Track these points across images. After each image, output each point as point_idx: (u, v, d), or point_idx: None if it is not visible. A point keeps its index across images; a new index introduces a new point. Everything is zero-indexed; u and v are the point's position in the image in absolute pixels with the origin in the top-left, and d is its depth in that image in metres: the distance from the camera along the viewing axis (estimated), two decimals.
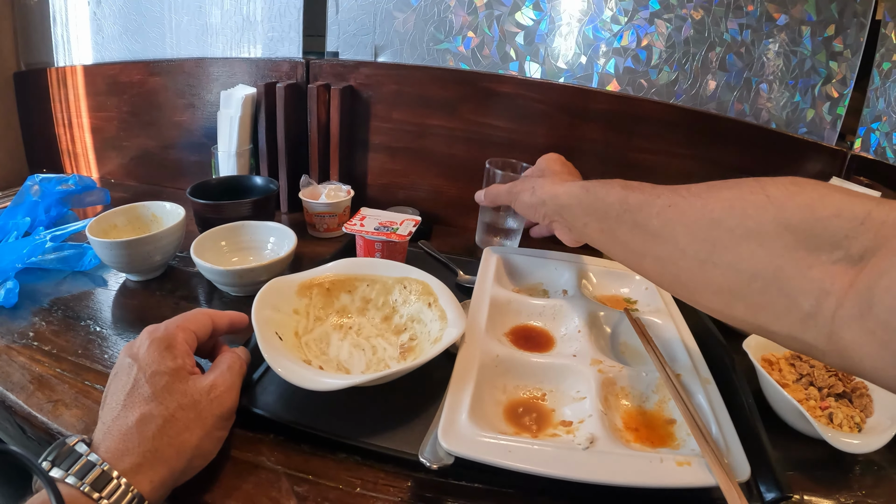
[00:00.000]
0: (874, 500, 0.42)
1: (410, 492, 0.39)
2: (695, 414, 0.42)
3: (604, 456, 0.38)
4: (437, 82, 0.81)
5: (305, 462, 0.41)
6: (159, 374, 0.38)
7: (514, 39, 0.80)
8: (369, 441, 0.42)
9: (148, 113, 0.96)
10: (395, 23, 0.82)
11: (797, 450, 0.46)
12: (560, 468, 0.37)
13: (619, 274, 0.67)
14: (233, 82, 0.88)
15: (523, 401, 0.46)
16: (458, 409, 0.40)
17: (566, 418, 0.44)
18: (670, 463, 0.37)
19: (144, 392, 0.37)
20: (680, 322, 0.56)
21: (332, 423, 0.43)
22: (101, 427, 0.36)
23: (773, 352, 0.56)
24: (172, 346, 0.40)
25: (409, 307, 0.53)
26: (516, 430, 0.42)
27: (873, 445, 0.43)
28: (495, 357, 0.47)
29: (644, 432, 0.43)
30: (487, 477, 0.40)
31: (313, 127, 0.82)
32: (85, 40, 1.01)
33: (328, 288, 0.54)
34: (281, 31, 0.88)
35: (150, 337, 0.40)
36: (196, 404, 0.38)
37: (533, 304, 0.58)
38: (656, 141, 0.79)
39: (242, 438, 0.43)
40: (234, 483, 0.39)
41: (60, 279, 0.68)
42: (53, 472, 0.31)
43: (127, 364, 0.39)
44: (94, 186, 0.87)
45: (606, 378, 0.47)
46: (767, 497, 0.39)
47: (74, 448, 0.33)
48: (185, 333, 0.41)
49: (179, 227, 0.67)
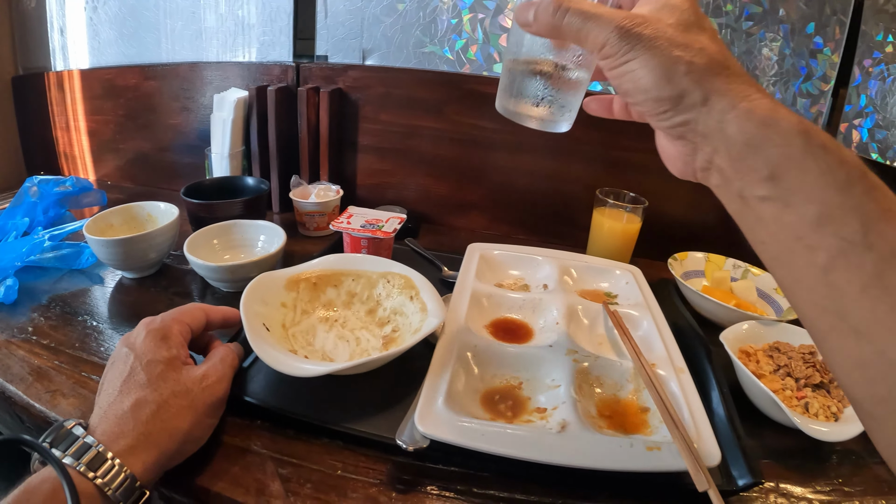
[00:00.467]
0: (851, 489, 0.44)
1: (388, 474, 0.41)
2: (666, 401, 0.44)
3: (574, 440, 0.40)
4: (424, 84, 0.83)
5: (290, 446, 0.43)
6: (154, 363, 0.40)
7: (498, 42, 0.83)
8: (350, 426, 0.44)
9: (143, 116, 0.98)
10: (382, 27, 0.85)
11: (774, 439, 0.48)
12: (530, 451, 0.39)
13: (599, 269, 0.69)
14: (226, 86, 0.90)
15: (500, 389, 0.48)
16: (434, 395, 0.43)
17: (541, 405, 0.46)
18: (640, 448, 0.39)
19: (140, 379, 0.39)
20: (658, 315, 0.58)
21: (316, 410, 0.45)
22: (97, 412, 0.38)
23: (752, 343, 0.57)
24: (168, 337, 0.42)
25: (392, 300, 0.56)
26: (492, 417, 0.44)
27: (844, 434, 0.44)
28: (473, 347, 0.49)
29: (618, 419, 0.45)
30: (463, 460, 0.42)
31: (303, 128, 0.84)
32: (82, 45, 1.03)
33: (315, 282, 0.57)
34: (272, 36, 0.90)
35: (147, 328, 0.43)
36: (188, 392, 0.40)
37: (513, 298, 0.60)
38: (643, 139, 0.81)
39: (232, 424, 0.45)
40: (223, 466, 0.41)
41: (58, 277, 0.70)
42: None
43: (124, 353, 0.41)
44: (90, 188, 0.89)
45: (581, 367, 0.48)
46: (740, 482, 0.40)
47: (71, 431, 0.35)
48: (180, 326, 0.44)
49: (173, 226, 0.69)
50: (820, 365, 0.53)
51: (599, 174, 0.83)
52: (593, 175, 0.83)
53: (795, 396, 0.51)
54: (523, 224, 0.89)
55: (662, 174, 0.76)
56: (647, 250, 0.80)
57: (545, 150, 0.84)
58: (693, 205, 0.83)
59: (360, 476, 0.41)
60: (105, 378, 0.41)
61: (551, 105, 0.36)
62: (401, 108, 0.85)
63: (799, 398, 0.50)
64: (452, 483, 0.41)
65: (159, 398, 0.38)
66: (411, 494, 0.40)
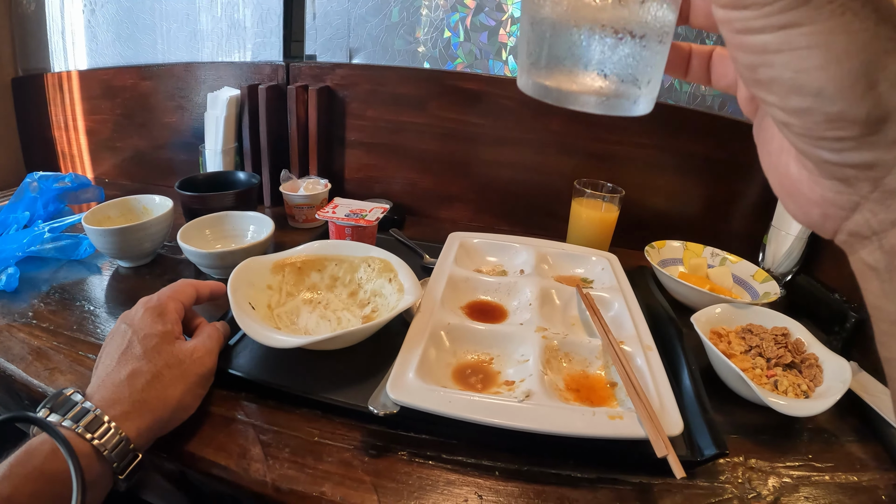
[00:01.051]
0: (821, 464, 0.45)
1: (362, 440, 0.44)
2: (629, 371, 0.46)
3: (537, 408, 0.42)
4: (408, 81, 0.86)
5: (272, 416, 0.46)
6: (150, 336, 0.43)
7: (479, 39, 0.86)
8: (327, 396, 0.47)
9: (140, 115, 1.02)
10: (367, 27, 0.88)
11: (744, 416, 0.49)
12: (493, 416, 0.41)
13: (575, 256, 0.72)
14: (219, 85, 0.94)
15: (471, 363, 0.51)
16: (406, 367, 0.45)
17: (509, 378, 0.48)
18: (602, 416, 0.41)
19: (136, 351, 0.42)
20: (630, 298, 0.61)
21: (296, 382, 0.48)
22: (94, 381, 0.41)
23: (724, 325, 0.59)
24: (164, 314, 0.45)
25: (372, 283, 0.59)
26: (462, 388, 0.47)
27: (805, 409, 0.45)
28: (447, 325, 0.52)
29: (585, 393, 0.47)
30: (433, 428, 0.45)
31: (293, 125, 0.87)
32: (80, 47, 1.07)
33: (300, 267, 0.60)
34: (263, 37, 0.94)
35: (145, 306, 0.46)
36: (181, 363, 0.43)
37: (489, 282, 0.63)
38: (618, 132, 0.84)
39: (219, 396, 0.48)
40: (210, 434, 0.44)
41: (58, 267, 0.73)
42: (51, 418, 0.36)
43: (122, 329, 0.45)
44: (89, 184, 0.92)
45: (550, 344, 0.51)
46: (707, 453, 0.41)
47: (70, 397, 0.38)
48: (174, 303, 0.47)
49: (168, 217, 0.73)
50: (792, 345, 0.55)
51: (580, 166, 0.85)
52: (574, 167, 0.86)
53: (765, 375, 0.52)
54: (506, 215, 0.92)
55: (644, 166, 0.79)
56: (625, 240, 0.83)
57: (527, 144, 0.87)
58: (672, 195, 0.86)
59: (336, 442, 0.44)
60: (103, 351, 0.44)
61: (625, 74, 0.23)
62: (386, 104, 0.88)
63: (769, 376, 0.52)
64: (423, 449, 0.44)
65: (154, 369, 0.41)
66: (383, 459, 0.43)
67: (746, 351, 0.56)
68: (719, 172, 0.82)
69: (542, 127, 0.86)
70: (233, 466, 0.41)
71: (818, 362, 0.53)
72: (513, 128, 0.87)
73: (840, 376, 0.49)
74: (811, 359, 0.53)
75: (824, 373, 0.52)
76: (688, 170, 0.83)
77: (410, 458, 0.43)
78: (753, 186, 0.81)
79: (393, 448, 0.44)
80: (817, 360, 0.53)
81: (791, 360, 0.53)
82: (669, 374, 0.49)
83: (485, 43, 0.86)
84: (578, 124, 0.84)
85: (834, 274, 0.70)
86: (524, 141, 0.87)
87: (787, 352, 0.54)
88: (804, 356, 0.54)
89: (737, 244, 0.78)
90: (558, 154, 0.86)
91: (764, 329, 0.58)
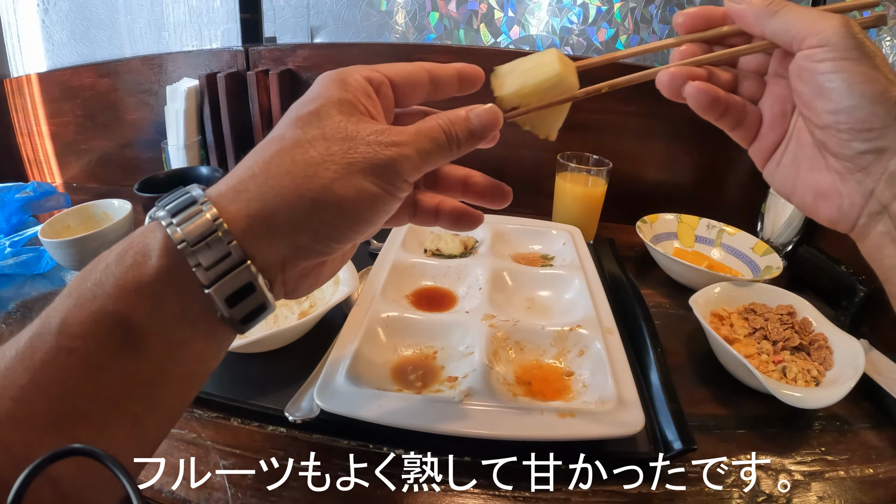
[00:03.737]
0: (834, 457, 0.41)
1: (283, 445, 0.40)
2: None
3: (476, 410, 0.38)
4: (375, 58, 0.80)
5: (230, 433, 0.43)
6: (311, 101, 0.26)
7: (448, 7, 0.80)
8: (248, 401, 0.42)
9: (102, 114, 0.97)
10: (328, 2, 0.82)
11: (751, 408, 0.45)
12: (425, 420, 0.37)
13: (533, 231, 0.67)
14: (178, 76, 0.89)
15: (412, 359, 0.46)
16: (337, 367, 0.41)
17: (452, 374, 0.44)
18: (551, 416, 0.37)
19: (285, 121, 0.26)
20: (592, 276, 0.56)
21: (223, 387, 0.44)
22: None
23: (725, 306, 0.55)
24: (345, 80, 0.27)
25: None
26: (400, 388, 0.43)
27: (822, 400, 0.41)
28: (385, 318, 0.48)
29: (538, 385, 0.43)
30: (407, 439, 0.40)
31: (256, 113, 0.82)
32: (37, 48, 1.02)
33: None
34: (219, 21, 0.88)
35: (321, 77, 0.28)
36: (348, 138, 0.25)
37: (436, 266, 0.58)
38: (600, 100, 0.78)
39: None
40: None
41: (21, 283, 0.70)
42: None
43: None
44: (53, 191, 0.88)
45: (498, 333, 0.47)
46: (675, 447, 0.38)
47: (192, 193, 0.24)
48: (372, 73, 0.28)
49: (126, 222, 0.69)
50: (798, 325, 0.50)
51: (563, 138, 0.79)
52: (556, 140, 0.80)
53: (772, 361, 0.48)
54: None
55: (629, 135, 0.72)
56: (616, 215, 0.78)
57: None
58: (663, 166, 0.80)
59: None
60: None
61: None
62: None
63: (776, 362, 0.48)
64: (397, 469, 0.40)
65: (301, 136, 0.25)
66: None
67: (750, 333, 0.51)
68: (712, 139, 0.75)
69: None
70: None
71: (828, 343, 0.49)
72: (490, 100, 0.81)
73: (853, 359, 0.45)
74: (820, 339, 0.49)
75: (835, 354, 0.47)
76: (678, 137, 0.77)
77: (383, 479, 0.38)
78: (748, 152, 0.75)
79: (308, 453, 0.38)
80: (827, 342, 0.49)
81: (799, 343, 0.49)
82: (633, 359, 0.44)
83: (455, 12, 0.80)
84: None
85: (838, 244, 0.65)
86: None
87: (794, 333, 0.50)
88: (812, 337, 0.50)
89: (734, 215, 0.73)
90: None
91: (768, 308, 0.54)
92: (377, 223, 0.27)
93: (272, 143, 0.25)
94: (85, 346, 0.22)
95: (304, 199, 0.23)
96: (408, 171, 0.26)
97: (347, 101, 0.26)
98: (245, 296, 0.23)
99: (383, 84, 0.28)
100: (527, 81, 0.29)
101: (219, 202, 0.24)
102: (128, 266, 0.23)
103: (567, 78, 0.29)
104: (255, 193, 0.23)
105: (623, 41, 0.78)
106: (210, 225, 0.23)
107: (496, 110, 0.29)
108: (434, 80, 0.29)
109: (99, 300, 0.22)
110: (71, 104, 0.98)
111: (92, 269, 0.23)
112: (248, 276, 0.23)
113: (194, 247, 0.22)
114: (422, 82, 0.29)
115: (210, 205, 0.23)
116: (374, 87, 0.27)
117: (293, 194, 0.23)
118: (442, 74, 0.30)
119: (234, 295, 0.23)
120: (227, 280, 0.23)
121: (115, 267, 0.23)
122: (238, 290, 0.23)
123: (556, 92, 0.29)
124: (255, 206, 0.23)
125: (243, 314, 0.24)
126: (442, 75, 0.30)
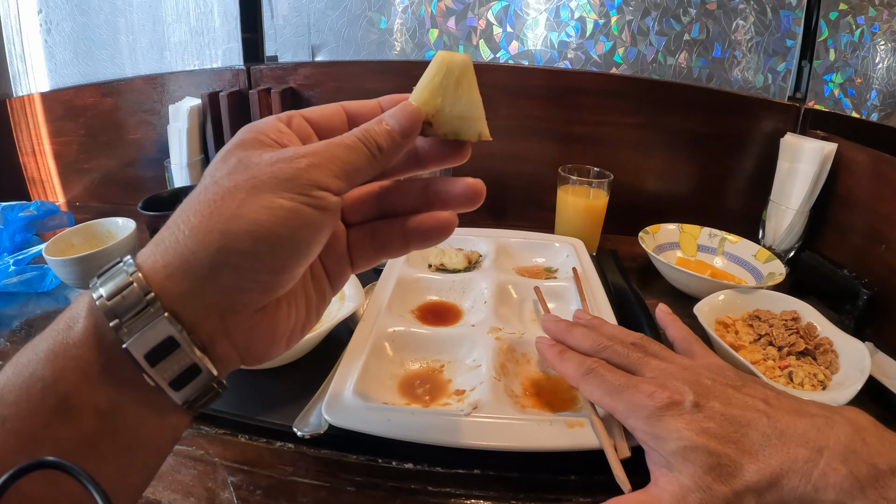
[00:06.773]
0: None
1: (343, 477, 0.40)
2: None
3: (484, 422, 0.38)
4: (375, 75, 0.82)
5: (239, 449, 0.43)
6: (221, 151, 0.26)
7: (447, 24, 0.81)
8: (256, 417, 0.42)
9: (104, 134, 0.98)
10: (328, 21, 0.83)
11: None
12: (435, 435, 0.37)
13: (536, 244, 0.68)
14: (180, 95, 0.90)
15: (420, 373, 0.46)
16: (345, 382, 0.41)
17: (460, 387, 0.44)
18: (560, 426, 0.37)
19: (203, 182, 0.25)
20: (596, 287, 0.57)
21: (230, 404, 0.44)
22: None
23: (730, 314, 0.56)
24: (253, 125, 0.27)
25: None
26: (408, 402, 0.43)
27: (829, 403, 0.40)
28: (391, 333, 0.48)
29: (546, 397, 0.43)
30: (418, 454, 0.40)
31: None
32: (40, 69, 1.03)
33: None
34: (220, 41, 0.89)
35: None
36: (253, 165, 0.24)
37: (441, 281, 0.59)
38: (600, 112, 0.80)
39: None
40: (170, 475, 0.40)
41: (25, 301, 0.70)
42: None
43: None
44: (56, 210, 0.89)
45: (504, 345, 0.47)
46: None
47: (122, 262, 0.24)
48: (283, 113, 0.28)
49: (130, 240, 0.69)
50: (803, 330, 0.51)
51: (563, 151, 0.81)
52: (558, 153, 0.81)
53: (778, 366, 0.48)
54: (489, 209, 0.87)
55: (628, 146, 0.73)
56: (618, 226, 0.79)
57: (506, 132, 0.82)
58: (663, 176, 0.81)
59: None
60: None
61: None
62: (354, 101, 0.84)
63: (782, 368, 0.48)
64: (406, 482, 0.39)
65: (205, 183, 0.25)
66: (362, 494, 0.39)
67: (756, 340, 0.52)
68: (711, 148, 0.78)
69: (521, 113, 0.81)
70: None
71: (833, 347, 0.49)
72: (490, 116, 0.81)
73: (858, 361, 0.46)
74: (825, 343, 0.49)
75: (840, 358, 0.48)
76: (677, 148, 0.78)
77: (393, 493, 0.38)
78: (747, 161, 0.77)
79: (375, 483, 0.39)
80: (832, 345, 0.49)
81: (804, 347, 0.49)
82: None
83: (454, 28, 0.81)
84: (559, 108, 0.80)
85: (840, 248, 0.65)
86: (503, 129, 0.82)
87: (799, 338, 0.50)
88: (817, 341, 0.50)
89: (735, 223, 0.74)
90: (541, 140, 0.82)
91: (772, 314, 0.54)
92: (309, 242, 0.25)
93: (187, 199, 0.25)
94: (18, 412, 0.21)
95: (214, 233, 0.23)
96: (321, 178, 0.24)
97: (252, 139, 0.26)
98: (167, 353, 0.22)
99: (294, 117, 0.28)
100: (422, 83, 0.28)
101: (139, 258, 0.24)
102: (59, 331, 0.23)
103: (453, 58, 0.28)
104: (169, 242, 0.23)
105: (621, 54, 0.80)
106: (126, 279, 0.22)
107: (411, 106, 0.28)
108: (348, 110, 0.30)
109: (31, 366, 0.22)
110: (74, 123, 0.98)
111: (35, 339, 0.24)
112: (166, 329, 0.22)
113: (111, 300, 0.22)
114: (335, 113, 0.30)
115: (131, 262, 0.23)
116: (285, 121, 0.27)
117: (203, 232, 0.23)
118: (355, 106, 0.31)
119: (155, 351, 0.22)
120: (145, 333, 0.22)
121: (49, 332, 0.23)
122: (158, 346, 0.22)
123: (452, 79, 0.28)
124: (170, 255, 0.23)
125: (171, 376, 0.23)
126: (355, 106, 0.31)
